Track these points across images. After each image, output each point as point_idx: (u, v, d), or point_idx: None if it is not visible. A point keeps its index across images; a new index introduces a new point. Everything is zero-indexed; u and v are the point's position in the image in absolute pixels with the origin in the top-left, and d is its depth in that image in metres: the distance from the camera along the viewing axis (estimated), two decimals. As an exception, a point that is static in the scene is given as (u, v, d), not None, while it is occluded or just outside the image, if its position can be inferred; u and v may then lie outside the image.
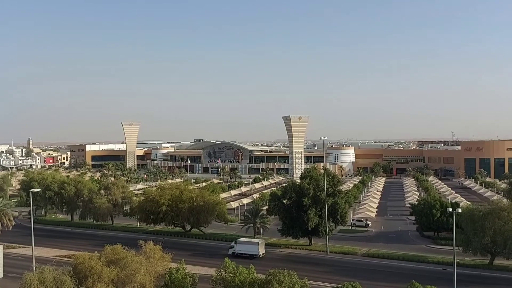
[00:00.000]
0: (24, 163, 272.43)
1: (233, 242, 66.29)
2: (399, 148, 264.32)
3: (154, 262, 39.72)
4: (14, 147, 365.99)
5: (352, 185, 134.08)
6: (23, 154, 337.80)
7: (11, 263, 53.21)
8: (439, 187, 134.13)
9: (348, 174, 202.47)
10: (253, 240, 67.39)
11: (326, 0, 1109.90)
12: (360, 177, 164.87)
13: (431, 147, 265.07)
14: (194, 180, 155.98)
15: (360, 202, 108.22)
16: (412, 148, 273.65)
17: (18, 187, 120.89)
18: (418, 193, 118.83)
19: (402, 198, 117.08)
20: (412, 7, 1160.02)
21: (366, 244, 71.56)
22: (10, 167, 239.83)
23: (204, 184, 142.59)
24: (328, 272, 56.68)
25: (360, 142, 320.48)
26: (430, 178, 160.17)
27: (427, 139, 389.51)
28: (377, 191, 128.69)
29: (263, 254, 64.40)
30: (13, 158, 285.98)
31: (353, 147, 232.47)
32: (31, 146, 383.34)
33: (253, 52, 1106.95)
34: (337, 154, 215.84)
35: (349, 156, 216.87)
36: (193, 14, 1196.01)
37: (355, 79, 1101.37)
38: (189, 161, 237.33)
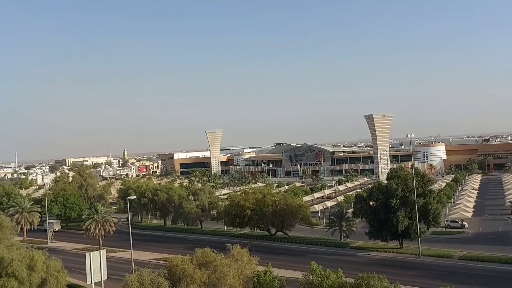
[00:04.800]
0: (121, 173, 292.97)
1: (45, 222, 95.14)
2: (496, 143, 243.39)
3: (242, 265, 40.37)
4: (112, 159, 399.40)
5: (444, 184, 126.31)
6: (120, 165, 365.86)
7: (113, 266, 57.27)
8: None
9: (439, 173, 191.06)
10: (51, 220, 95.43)
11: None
12: (453, 175, 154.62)
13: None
14: (276, 184, 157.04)
15: (454, 202, 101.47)
16: (511, 141, 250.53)
17: (116, 195, 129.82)
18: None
19: (502, 196, 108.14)
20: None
21: (462, 246, 66.68)
22: (109, 177, 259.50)
23: (286, 187, 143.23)
24: (421, 276, 53.69)
25: (451, 138, 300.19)
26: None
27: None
28: (473, 189, 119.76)
29: (58, 229, 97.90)
30: (111, 169, 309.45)
31: (443, 143, 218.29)
32: (126, 157, 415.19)
33: (334, 54, 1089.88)
34: (426, 152, 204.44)
35: (439, 153, 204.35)
36: (273, 23, 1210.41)
37: (444, 73, 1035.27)
38: (270, 165, 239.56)
